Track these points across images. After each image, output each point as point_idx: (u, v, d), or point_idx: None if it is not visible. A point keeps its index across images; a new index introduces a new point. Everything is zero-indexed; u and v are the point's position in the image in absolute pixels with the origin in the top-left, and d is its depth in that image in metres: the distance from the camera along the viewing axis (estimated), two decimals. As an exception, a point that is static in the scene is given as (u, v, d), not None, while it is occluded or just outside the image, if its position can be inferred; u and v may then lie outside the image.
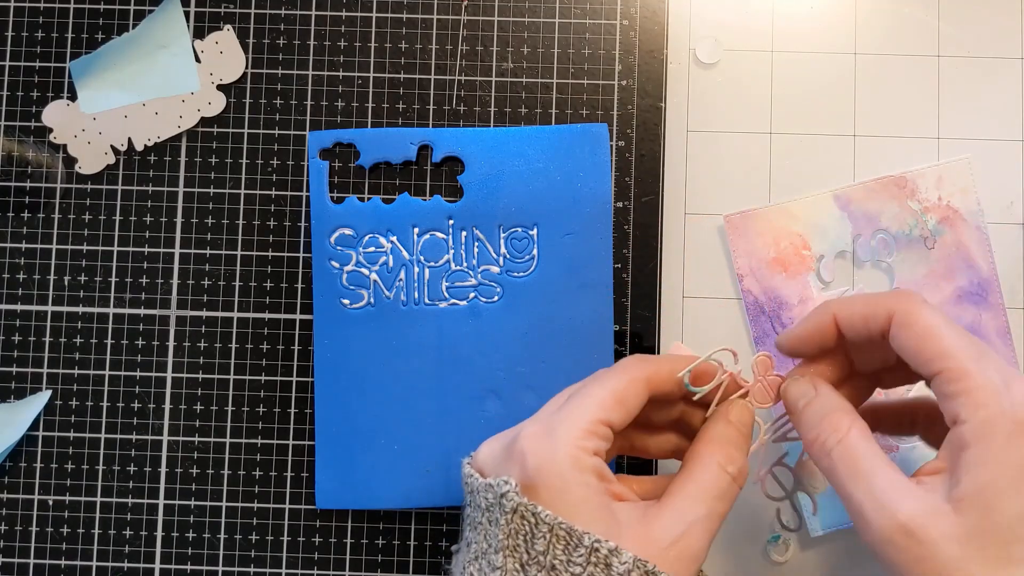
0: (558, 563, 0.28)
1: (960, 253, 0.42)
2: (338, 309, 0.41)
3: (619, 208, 0.42)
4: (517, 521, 0.28)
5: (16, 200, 0.43)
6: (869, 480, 0.28)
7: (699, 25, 0.43)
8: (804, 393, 0.32)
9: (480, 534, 0.30)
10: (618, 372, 0.32)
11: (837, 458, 0.29)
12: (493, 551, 0.29)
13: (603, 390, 0.31)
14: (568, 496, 0.29)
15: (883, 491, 0.28)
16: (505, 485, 0.29)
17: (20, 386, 0.42)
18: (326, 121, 0.43)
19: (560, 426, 0.30)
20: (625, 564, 0.27)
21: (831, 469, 0.29)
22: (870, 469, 0.29)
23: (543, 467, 0.29)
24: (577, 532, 0.28)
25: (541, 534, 0.28)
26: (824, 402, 0.31)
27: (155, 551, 0.42)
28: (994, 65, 0.43)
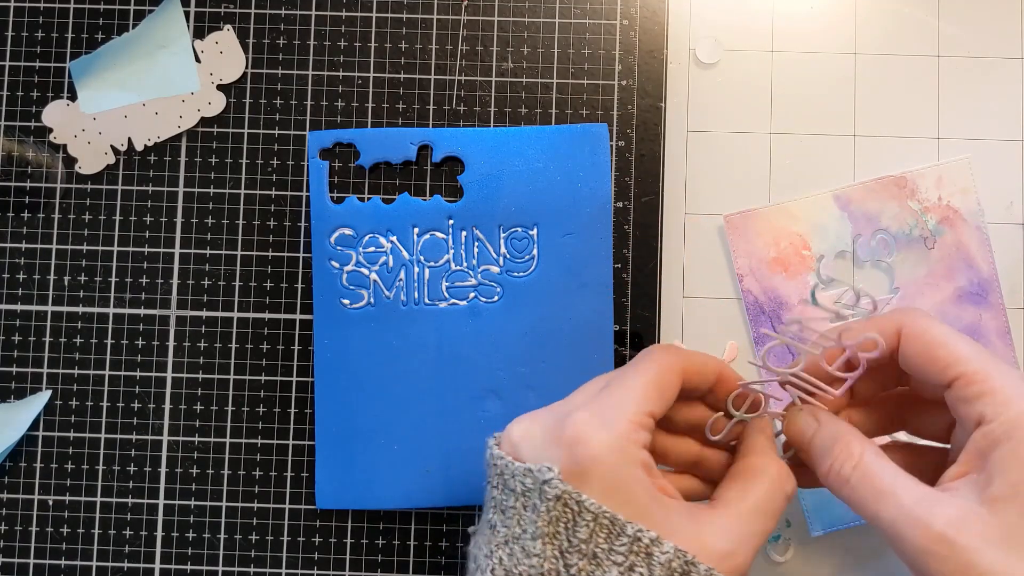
0: (600, 551, 0.27)
1: (960, 253, 0.42)
2: (338, 309, 0.41)
3: (619, 208, 0.42)
4: (559, 508, 0.28)
5: (16, 200, 0.43)
6: (896, 497, 0.28)
7: (699, 25, 0.43)
8: (807, 425, 0.32)
9: (512, 519, 0.29)
10: (656, 361, 0.31)
11: (857, 483, 0.29)
12: (529, 537, 0.28)
13: (645, 379, 0.30)
14: (620, 489, 0.28)
15: (913, 505, 0.28)
16: (549, 472, 0.28)
17: (20, 386, 0.42)
18: (326, 121, 0.43)
19: (611, 416, 0.29)
20: (666, 553, 0.27)
21: (852, 495, 0.29)
22: (893, 486, 0.28)
23: (597, 457, 0.28)
24: (620, 521, 0.27)
25: (584, 522, 0.28)
26: (830, 430, 0.31)
27: (155, 551, 0.42)
28: (994, 65, 0.43)
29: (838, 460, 0.30)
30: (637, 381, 0.30)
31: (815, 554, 0.41)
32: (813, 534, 0.41)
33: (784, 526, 0.41)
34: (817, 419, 0.32)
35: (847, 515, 0.41)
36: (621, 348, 0.41)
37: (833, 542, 0.41)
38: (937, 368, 0.29)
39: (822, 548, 0.41)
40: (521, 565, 0.28)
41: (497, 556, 0.29)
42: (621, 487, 0.28)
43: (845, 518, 0.41)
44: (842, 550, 0.41)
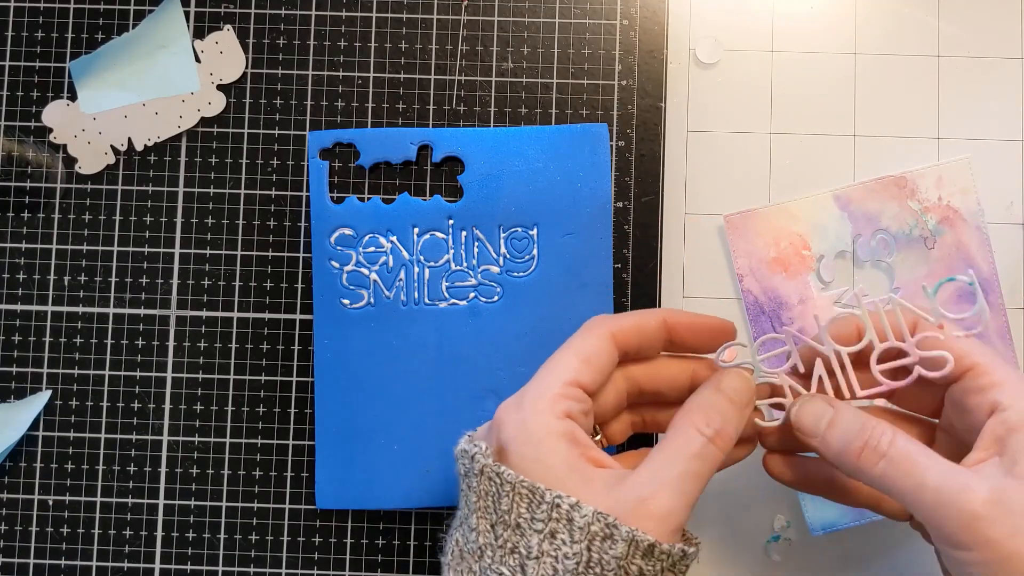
0: (523, 521, 0.28)
1: (960, 253, 0.42)
2: (338, 309, 0.41)
3: (619, 208, 0.42)
4: (485, 483, 0.29)
5: (16, 200, 0.43)
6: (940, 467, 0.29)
7: (699, 25, 0.43)
8: (823, 412, 0.32)
9: (462, 500, 0.31)
10: (581, 333, 0.33)
11: (895, 460, 0.29)
12: (470, 513, 0.30)
13: (568, 353, 0.32)
14: (539, 461, 0.29)
15: (957, 471, 0.28)
16: (475, 447, 0.30)
17: (20, 386, 0.42)
18: (326, 121, 0.43)
19: (529, 394, 0.31)
20: (585, 517, 0.28)
21: (887, 472, 0.29)
22: (932, 459, 0.29)
23: (514, 435, 0.30)
24: (540, 489, 0.28)
25: (505, 493, 0.29)
26: (852, 414, 0.31)
27: (155, 551, 0.42)
28: (994, 65, 0.43)
29: (873, 438, 0.30)
30: (561, 355, 0.32)
31: (815, 554, 0.41)
32: (813, 534, 0.41)
33: (784, 526, 0.41)
34: (832, 405, 0.32)
35: (847, 515, 0.41)
36: (621, 348, 0.41)
37: (833, 542, 0.41)
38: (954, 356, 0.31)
39: (822, 548, 0.41)
40: (468, 543, 0.29)
41: (454, 538, 0.31)
42: (539, 458, 0.29)
43: (845, 518, 0.41)
44: (842, 550, 0.41)
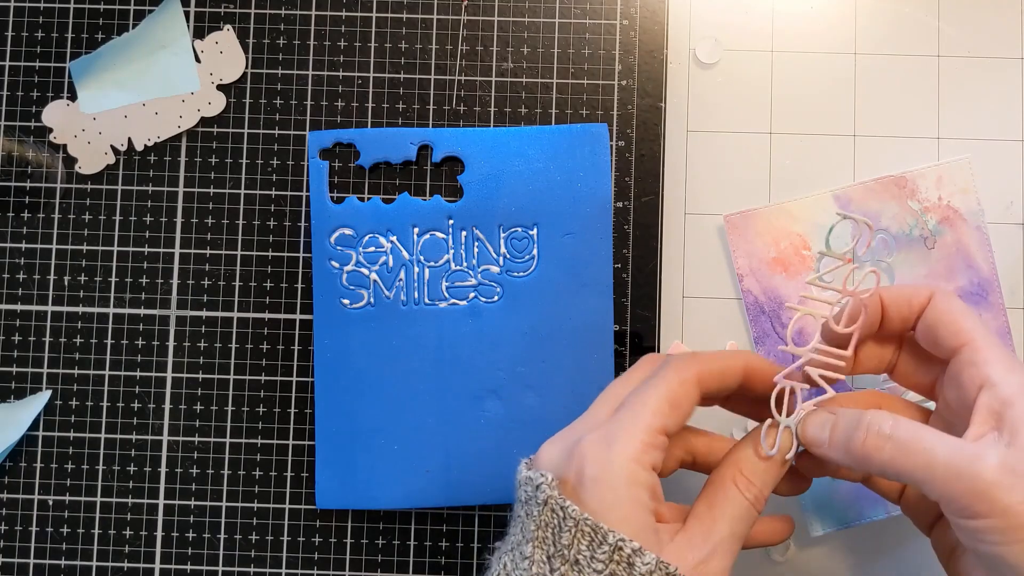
0: (582, 558, 0.28)
1: (960, 253, 0.42)
2: (338, 309, 0.41)
3: (619, 208, 0.42)
4: (548, 514, 0.29)
5: (16, 200, 0.43)
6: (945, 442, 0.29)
7: (699, 25, 0.43)
8: (825, 420, 0.32)
9: (517, 526, 0.30)
10: (670, 374, 0.32)
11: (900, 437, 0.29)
12: (525, 541, 0.29)
13: (657, 395, 0.31)
14: (617, 510, 0.29)
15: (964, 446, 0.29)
16: (541, 478, 0.29)
17: (20, 386, 0.42)
18: (326, 121, 0.43)
19: (620, 435, 0.30)
20: (648, 564, 0.28)
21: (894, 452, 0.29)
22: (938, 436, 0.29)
23: (600, 478, 0.29)
24: (603, 529, 0.28)
25: (568, 528, 0.29)
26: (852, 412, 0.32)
27: (155, 551, 0.42)
28: (994, 65, 0.43)
29: (874, 424, 0.30)
30: (649, 397, 0.31)
31: (815, 554, 0.41)
32: (813, 534, 0.41)
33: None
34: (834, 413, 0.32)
35: (847, 515, 0.41)
36: (621, 348, 0.41)
37: (833, 542, 0.41)
38: (953, 332, 0.31)
39: (822, 548, 0.41)
40: (518, 569, 0.29)
41: (502, 562, 0.30)
42: (617, 505, 0.29)
43: (845, 518, 0.41)
44: (842, 550, 0.41)
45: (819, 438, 0.32)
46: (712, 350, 0.35)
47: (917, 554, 0.41)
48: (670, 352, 0.42)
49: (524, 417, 0.41)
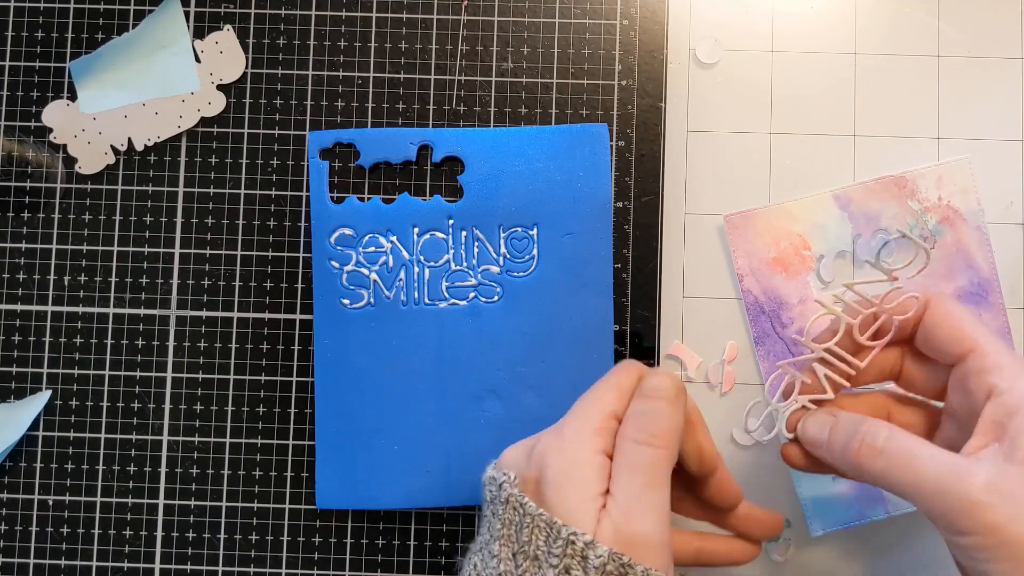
0: (540, 553, 0.29)
1: (960, 253, 0.42)
2: (338, 309, 0.41)
3: (619, 208, 0.42)
4: (510, 512, 0.29)
5: (16, 200, 0.43)
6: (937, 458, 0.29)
7: (699, 25, 0.43)
8: (825, 422, 0.33)
9: (485, 526, 0.31)
10: (615, 370, 0.33)
11: (892, 453, 0.30)
12: (492, 540, 0.30)
13: (604, 387, 0.32)
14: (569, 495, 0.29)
15: (954, 461, 0.29)
16: (503, 476, 0.30)
17: (20, 386, 0.42)
18: (326, 121, 0.43)
19: (569, 424, 0.31)
20: (600, 557, 0.28)
21: (887, 466, 0.30)
22: (928, 450, 0.29)
23: (555, 469, 0.30)
24: (556, 525, 0.28)
25: (526, 524, 0.29)
26: (851, 418, 0.32)
27: (155, 551, 0.42)
28: (994, 65, 0.43)
29: (869, 435, 0.31)
30: (595, 389, 0.32)
31: (815, 554, 0.41)
32: (813, 534, 0.41)
33: (784, 526, 0.41)
34: (834, 414, 0.33)
35: (847, 515, 0.41)
36: (621, 348, 0.41)
37: (833, 542, 0.41)
38: (955, 339, 0.31)
39: (822, 548, 0.41)
40: (488, 568, 0.29)
41: (471, 562, 0.31)
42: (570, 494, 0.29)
43: (845, 518, 0.41)
44: (842, 550, 0.41)
45: (818, 439, 0.33)
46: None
47: (917, 554, 0.41)
48: (670, 352, 0.42)
49: (524, 417, 0.41)
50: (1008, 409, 0.29)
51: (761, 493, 0.41)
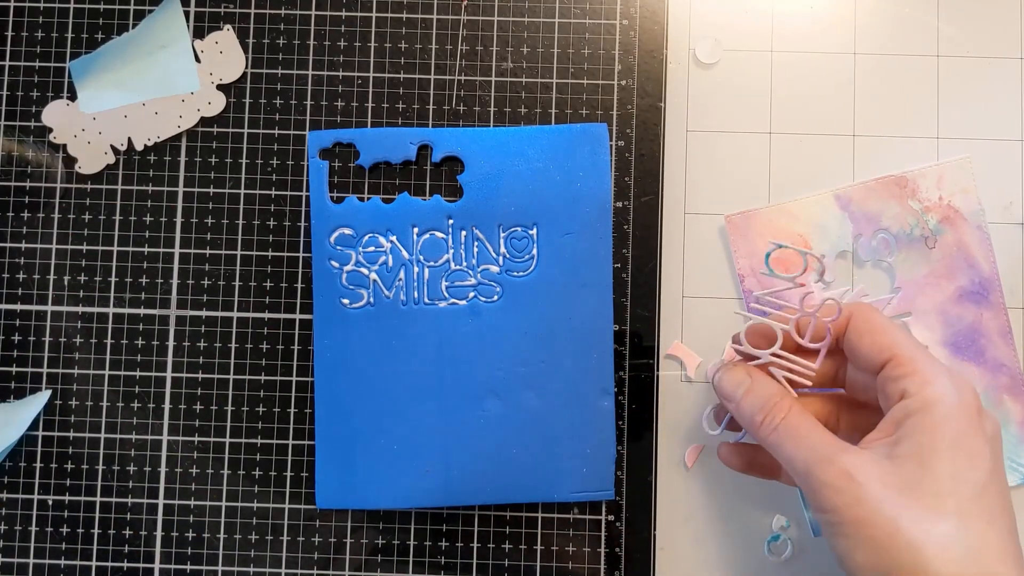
0: None
1: (961, 253, 0.42)
2: (338, 309, 0.41)
3: (619, 208, 0.42)
4: None
5: (16, 200, 0.43)
6: (813, 440, 0.32)
7: (699, 25, 0.43)
8: (741, 382, 0.35)
9: None
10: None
11: (784, 430, 0.33)
12: None
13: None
14: None
15: (826, 446, 0.31)
16: None
17: (20, 386, 0.42)
18: (326, 121, 0.43)
19: None
20: None
21: (778, 440, 0.33)
22: (811, 433, 0.32)
23: None
24: None
25: None
26: (763, 388, 0.35)
27: (155, 551, 0.42)
28: (994, 65, 0.43)
29: (772, 411, 0.33)
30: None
31: (815, 554, 0.41)
32: (815, 535, 0.41)
33: (784, 526, 0.41)
34: (750, 375, 0.35)
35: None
36: (621, 348, 0.41)
37: (833, 542, 0.41)
38: (875, 349, 0.33)
39: (822, 548, 0.41)
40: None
41: None
42: None
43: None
44: (842, 550, 0.41)
45: (732, 394, 0.35)
46: None
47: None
48: (670, 352, 0.42)
49: (524, 417, 0.41)
50: (908, 411, 0.31)
51: (761, 492, 0.41)
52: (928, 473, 0.29)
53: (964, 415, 0.30)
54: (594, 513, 0.41)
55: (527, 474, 0.40)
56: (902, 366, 0.32)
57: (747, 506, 0.42)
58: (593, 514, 0.41)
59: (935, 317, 0.41)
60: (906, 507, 0.29)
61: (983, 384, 0.41)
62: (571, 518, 0.41)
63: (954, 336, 0.41)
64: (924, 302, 0.42)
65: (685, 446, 0.42)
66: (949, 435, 0.30)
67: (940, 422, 0.30)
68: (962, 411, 0.30)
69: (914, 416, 0.30)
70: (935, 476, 0.29)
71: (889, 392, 0.32)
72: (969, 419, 0.30)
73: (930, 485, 0.29)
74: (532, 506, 0.41)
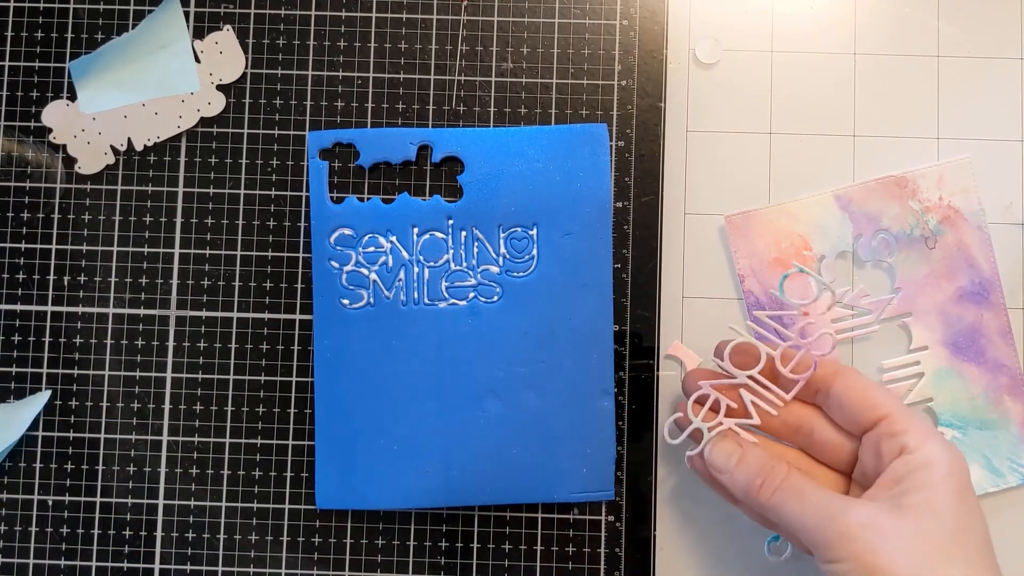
0: None
1: (961, 253, 0.42)
2: (338, 309, 0.41)
3: (619, 208, 0.42)
4: None
5: (16, 200, 0.43)
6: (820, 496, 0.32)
7: (699, 25, 0.43)
8: (732, 452, 0.36)
9: None
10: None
11: (786, 490, 0.33)
12: None
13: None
14: None
15: (834, 500, 0.32)
16: None
17: (20, 386, 0.42)
18: (326, 121, 0.43)
19: None
20: None
21: (781, 500, 0.33)
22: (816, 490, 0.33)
23: None
24: None
25: None
26: (756, 455, 0.35)
27: (155, 551, 0.42)
28: (994, 65, 0.43)
29: (770, 476, 0.34)
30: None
31: (815, 554, 0.41)
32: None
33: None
34: (740, 445, 0.36)
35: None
36: (621, 348, 0.41)
37: (833, 542, 0.41)
38: (867, 406, 0.34)
39: (822, 548, 0.41)
40: None
41: None
42: None
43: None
44: (842, 550, 0.41)
45: (724, 466, 0.36)
46: None
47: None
48: (669, 352, 0.42)
49: (524, 417, 0.41)
50: (911, 467, 0.32)
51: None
52: (938, 525, 0.30)
53: (963, 473, 0.32)
54: (594, 513, 0.41)
55: (527, 474, 0.40)
56: (899, 423, 0.33)
57: (747, 506, 0.42)
58: (593, 514, 0.41)
59: (935, 317, 0.41)
60: (923, 556, 0.30)
61: (983, 384, 0.41)
62: (571, 518, 0.41)
63: (954, 336, 0.41)
64: (924, 302, 0.42)
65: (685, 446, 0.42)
66: (953, 491, 0.31)
67: (945, 478, 0.31)
68: (961, 470, 0.32)
69: (918, 472, 0.32)
70: (944, 529, 0.30)
71: (884, 449, 0.33)
72: (967, 478, 0.32)
73: (940, 538, 0.30)
74: (532, 506, 0.41)
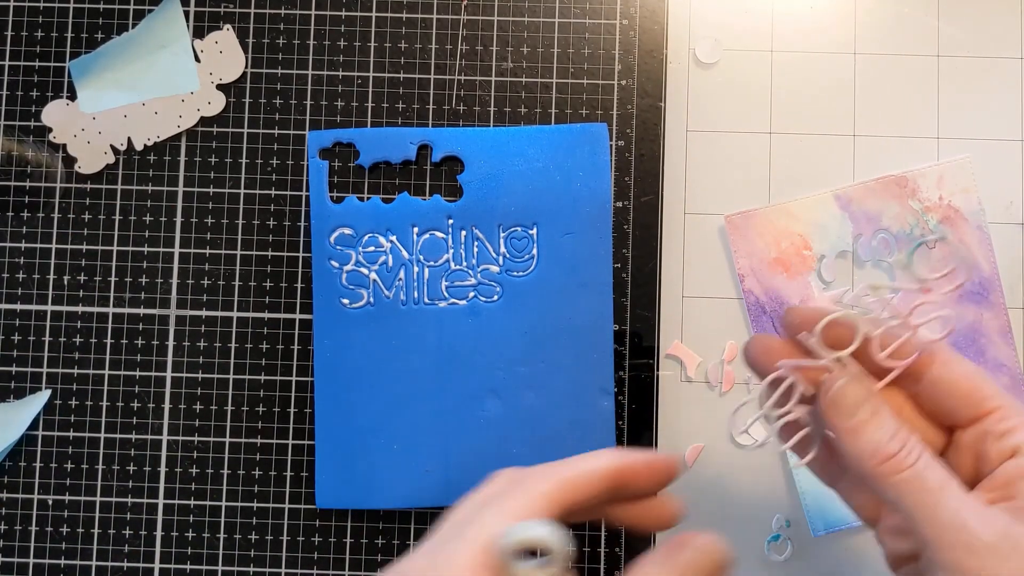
0: None
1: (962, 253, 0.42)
2: (338, 309, 0.41)
3: (619, 208, 0.42)
4: None
5: (16, 200, 0.43)
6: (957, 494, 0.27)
7: (699, 25, 0.43)
8: (865, 400, 0.29)
9: None
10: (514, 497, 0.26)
11: (922, 469, 0.27)
12: None
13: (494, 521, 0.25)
14: None
15: (979, 506, 0.27)
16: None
17: (20, 386, 0.42)
18: (326, 121, 0.43)
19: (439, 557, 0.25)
20: None
21: (905, 483, 0.27)
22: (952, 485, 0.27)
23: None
24: None
25: None
26: (890, 415, 0.29)
27: (155, 551, 0.42)
28: (994, 65, 0.43)
29: (904, 449, 0.28)
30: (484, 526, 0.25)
31: (815, 554, 0.41)
32: (814, 534, 0.41)
33: (784, 526, 0.41)
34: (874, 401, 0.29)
35: (847, 515, 0.41)
36: (621, 348, 0.41)
37: (833, 542, 0.41)
38: (976, 398, 0.29)
39: (822, 548, 0.41)
40: None
41: None
42: None
43: (845, 518, 0.41)
44: (842, 550, 0.41)
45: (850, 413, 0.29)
46: (574, 457, 0.28)
47: (917, 554, 0.41)
48: (670, 352, 0.42)
49: (524, 417, 0.41)
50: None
51: (761, 492, 0.41)
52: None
53: None
54: (594, 513, 0.41)
55: (527, 474, 0.40)
56: (1010, 419, 0.28)
57: (747, 506, 0.42)
58: (593, 514, 0.41)
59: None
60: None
61: (983, 384, 0.41)
62: (571, 518, 0.41)
63: (954, 336, 0.41)
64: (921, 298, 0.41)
65: (685, 446, 0.42)
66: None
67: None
68: None
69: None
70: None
71: (991, 448, 0.28)
72: None
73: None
74: (532, 506, 0.41)
